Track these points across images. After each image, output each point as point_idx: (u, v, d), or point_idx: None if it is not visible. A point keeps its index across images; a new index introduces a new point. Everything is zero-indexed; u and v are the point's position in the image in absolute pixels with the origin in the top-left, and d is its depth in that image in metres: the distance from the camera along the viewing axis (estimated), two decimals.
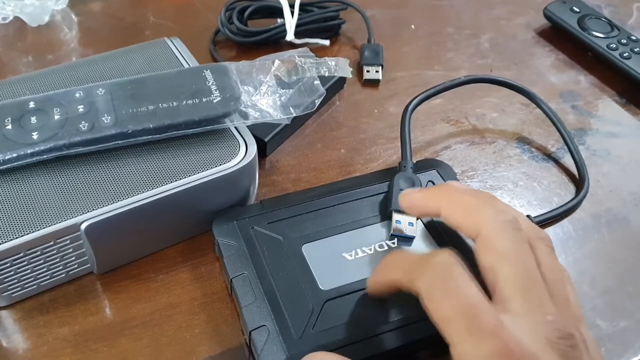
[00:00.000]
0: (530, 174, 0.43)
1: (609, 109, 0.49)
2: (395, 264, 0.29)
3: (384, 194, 0.37)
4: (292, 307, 0.31)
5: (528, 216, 0.39)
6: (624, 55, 0.50)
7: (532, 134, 0.46)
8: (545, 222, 0.40)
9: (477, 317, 0.24)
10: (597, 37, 0.52)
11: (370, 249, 0.34)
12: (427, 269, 0.26)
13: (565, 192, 0.42)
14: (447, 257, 0.26)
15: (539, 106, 0.45)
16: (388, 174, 0.38)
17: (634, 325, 0.35)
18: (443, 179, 0.38)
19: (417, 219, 0.35)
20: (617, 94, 0.50)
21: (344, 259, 0.33)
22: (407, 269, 0.27)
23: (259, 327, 0.30)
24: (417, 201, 0.33)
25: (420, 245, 0.34)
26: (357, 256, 0.33)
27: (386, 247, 0.34)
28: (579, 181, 0.42)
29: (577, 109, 0.48)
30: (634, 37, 0.52)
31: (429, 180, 0.38)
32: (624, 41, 0.51)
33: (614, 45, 0.51)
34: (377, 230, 0.35)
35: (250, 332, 0.30)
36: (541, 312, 0.26)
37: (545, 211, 0.40)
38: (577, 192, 0.42)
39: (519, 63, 0.52)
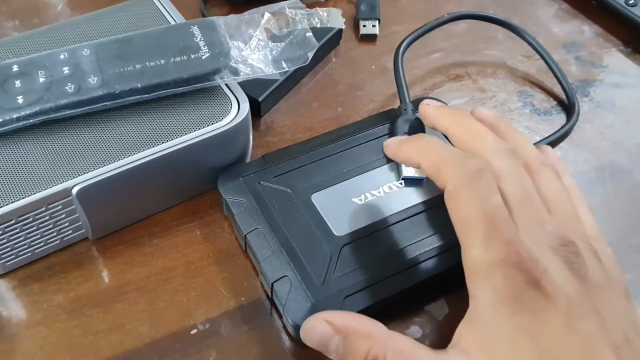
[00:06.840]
0: (532, 128, 0.42)
1: (614, 59, 0.47)
2: (428, 150, 0.30)
3: (386, 137, 0.36)
4: (311, 256, 0.31)
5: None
6: (630, 2, 0.48)
7: (534, 86, 0.44)
8: None
9: (497, 224, 0.26)
10: None
11: (379, 192, 0.34)
12: (461, 168, 0.27)
13: (566, 145, 0.41)
14: (483, 164, 0.28)
15: (523, 38, 0.44)
16: (387, 117, 0.38)
17: (638, 277, 0.34)
18: None
19: None
20: (622, 44, 0.48)
21: (354, 203, 0.33)
22: (439, 160, 0.29)
23: (281, 277, 0.30)
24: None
25: (431, 186, 0.34)
26: (366, 200, 0.33)
27: (395, 189, 0.34)
28: (569, 108, 0.42)
29: (580, 59, 0.47)
30: None
31: None
32: None
33: None
34: (384, 173, 0.35)
35: (272, 283, 0.30)
36: (541, 224, 0.27)
37: None
38: (568, 119, 0.42)
39: (520, 14, 0.50)
